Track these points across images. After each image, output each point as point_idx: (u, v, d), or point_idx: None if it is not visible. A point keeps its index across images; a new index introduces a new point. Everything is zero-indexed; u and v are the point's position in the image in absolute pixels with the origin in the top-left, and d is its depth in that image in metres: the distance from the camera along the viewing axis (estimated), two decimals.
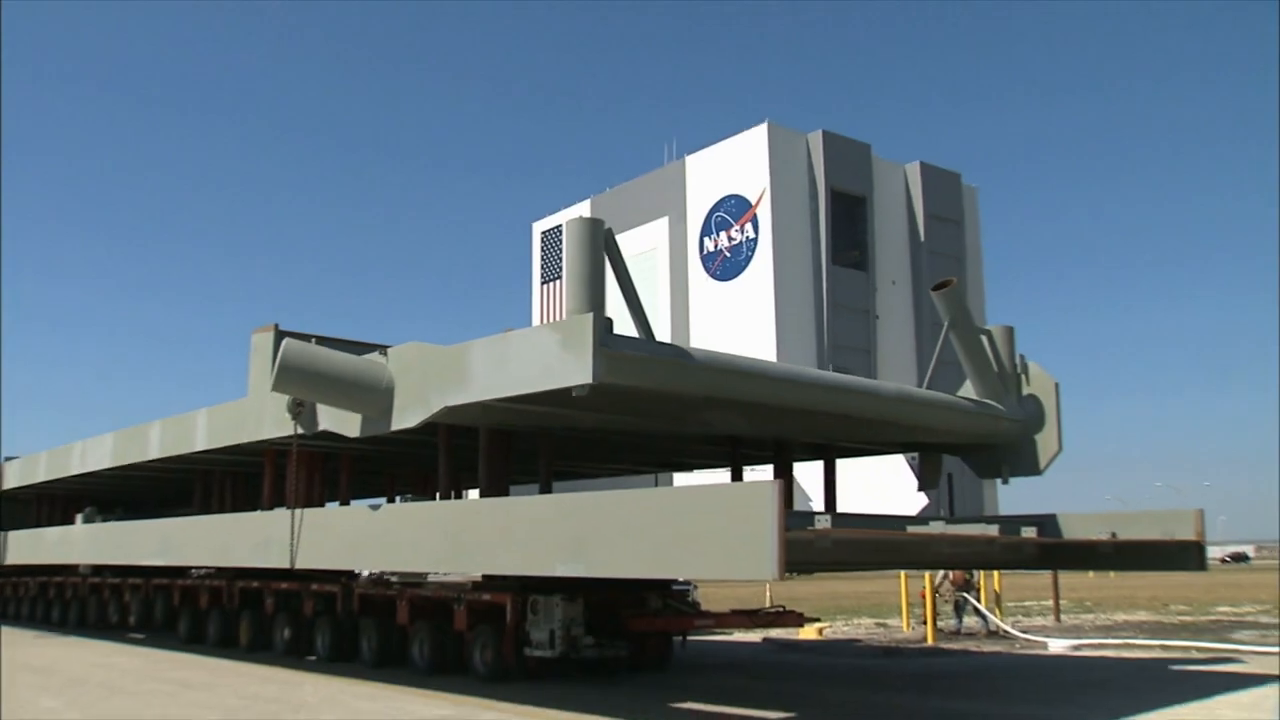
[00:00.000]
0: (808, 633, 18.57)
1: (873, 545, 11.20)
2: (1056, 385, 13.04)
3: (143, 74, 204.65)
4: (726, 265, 67.91)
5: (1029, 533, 12.04)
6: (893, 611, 23.84)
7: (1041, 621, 22.28)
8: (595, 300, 9.28)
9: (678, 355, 9.85)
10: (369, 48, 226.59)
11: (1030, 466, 13.05)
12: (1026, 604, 27.50)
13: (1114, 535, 12.23)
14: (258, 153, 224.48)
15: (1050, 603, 23.87)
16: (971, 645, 17.55)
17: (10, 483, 23.34)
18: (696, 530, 8.16)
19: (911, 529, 11.39)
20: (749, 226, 66.28)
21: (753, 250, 65.95)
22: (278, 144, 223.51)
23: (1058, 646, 16.99)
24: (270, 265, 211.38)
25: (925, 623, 18.66)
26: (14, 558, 23.03)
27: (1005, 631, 19.12)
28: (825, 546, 9.38)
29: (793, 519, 8.68)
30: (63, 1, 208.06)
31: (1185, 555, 12.15)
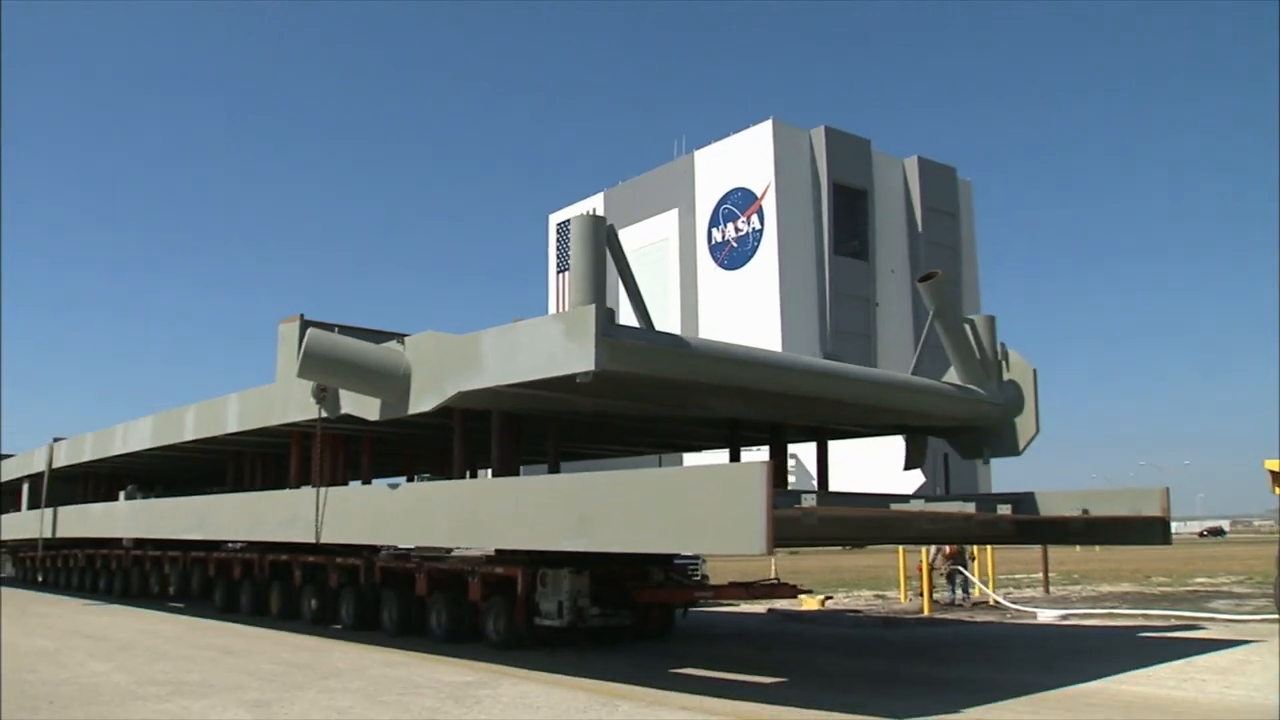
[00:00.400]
0: (811, 604, 18.96)
1: (857, 522, 11.57)
2: (1034, 371, 13.39)
3: (178, 72, 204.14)
4: (733, 255, 68.26)
5: (1004, 510, 12.37)
6: (891, 584, 24.24)
7: (1031, 593, 22.63)
8: (597, 292, 9.54)
9: (675, 344, 10.10)
10: (394, 50, 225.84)
11: (1010, 448, 13.42)
12: (1017, 576, 27.71)
13: (1085, 512, 12.61)
14: (288, 153, 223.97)
15: (1039, 575, 24.20)
16: (965, 615, 17.87)
17: (59, 462, 24.14)
18: (693, 508, 8.41)
19: (894, 506, 11.58)
20: (755, 218, 66.47)
21: (758, 241, 66.21)
22: (305, 143, 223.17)
23: (1046, 616, 17.35)
24: (298, 257, 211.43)
25: (922, 595, 19.04)
26: (63, 531, 23.86)
27: (997, 602, 19.57)
28: (812, 523, 9.67)
29: (782, 498, 8.95)
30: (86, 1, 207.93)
31: (1151, 530, 12.54)
